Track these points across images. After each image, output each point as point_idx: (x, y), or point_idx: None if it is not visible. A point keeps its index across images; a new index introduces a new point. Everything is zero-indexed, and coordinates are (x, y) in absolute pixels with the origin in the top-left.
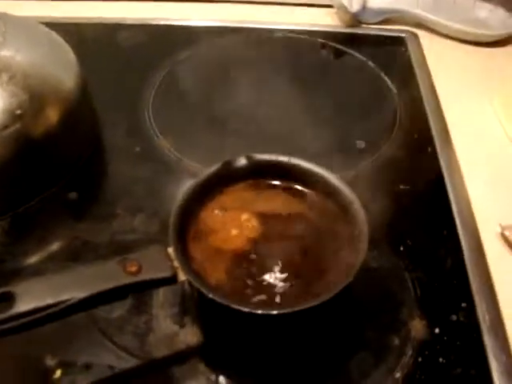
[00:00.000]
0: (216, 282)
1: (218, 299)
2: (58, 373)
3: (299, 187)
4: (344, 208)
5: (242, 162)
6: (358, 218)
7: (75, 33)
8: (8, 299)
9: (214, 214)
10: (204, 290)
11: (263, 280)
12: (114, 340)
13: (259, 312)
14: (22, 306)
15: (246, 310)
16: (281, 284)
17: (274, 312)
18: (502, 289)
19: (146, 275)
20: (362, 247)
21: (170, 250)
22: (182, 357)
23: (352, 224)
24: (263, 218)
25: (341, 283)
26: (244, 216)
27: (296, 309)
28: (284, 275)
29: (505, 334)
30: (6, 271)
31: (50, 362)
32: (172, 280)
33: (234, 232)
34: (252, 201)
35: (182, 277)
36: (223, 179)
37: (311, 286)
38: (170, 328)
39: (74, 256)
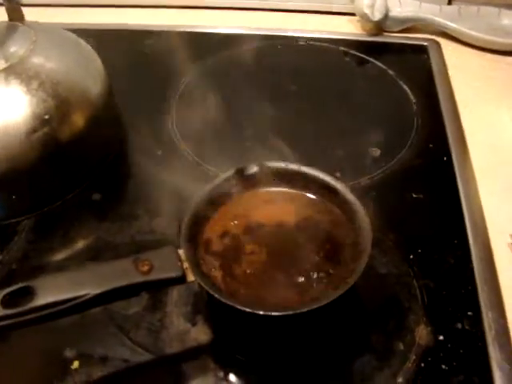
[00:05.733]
0: (224, 283)
1: (223, 299)
2: (76, 364)
3: (308, 194)
4: (350, 216)
5: (253, 169)
6: (363, 227)
7: (101, 39)
8: (29, 293)
9: (225, 219)
10: (210, 291)
11: (268, 282)
12: (129, 335)
13: (261, 313)
14: (42, 299)
15: (249, 310)
16: (286, 286)
17: (275, 313)
18: (511, 299)
19: (156, 275)
20: (364, 255)
21: (181, 251)
22: (193, 353)
23: (357, 231)
24: (272, 223)
25: (341, 288)
26: (253, 221)
27: (297, 311)
28: (289, 278)
29: (510, 345)
30: (30, 267)
31: (68, 353)
32: (181, 280)
33: (244, 236)
34: (262, 207)
35: (190, 277)
36: (235, 185)
37: (315, 289)
38: (182, 325)
39: (95, 254)
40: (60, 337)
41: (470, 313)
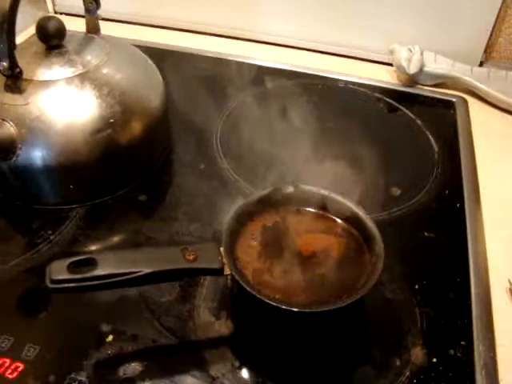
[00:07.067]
0: (253, 280)
1: (253, 292)
2: (110, 337)
3: (333, 217)
4: (367, 239)
5: (289, 189)
6: (377, 249)
7: (162, 58)
8: (91, 264)
9: (260, 228)
10: (241, 282)
11: (291, 285)
12: (160, 320)
13: (283, 307)
14: (103, 270)
15: (273, 303)
16: (305, 292)
17: (295, 309)
18: (502, 336)
19: (200, 264)
20: (377, 269)
21: (222, 249)
22: (214, 343)
23: (372, 252)
24: (300, 236)
25: (356, 295)
26: (284, 233)
27: (313, 310)
28: (309, 286)
29: (496, 376)
30: (79, 249)
31: (104, 328)
32: (219, 272)
33: (275, 244)
34: (293, 222)
35: (227, 271)
36: (272, 201)
37: (331, 297)
38: (207, 318)
39: (136, 248)
40: (99, 313)
41: (463, 342)
